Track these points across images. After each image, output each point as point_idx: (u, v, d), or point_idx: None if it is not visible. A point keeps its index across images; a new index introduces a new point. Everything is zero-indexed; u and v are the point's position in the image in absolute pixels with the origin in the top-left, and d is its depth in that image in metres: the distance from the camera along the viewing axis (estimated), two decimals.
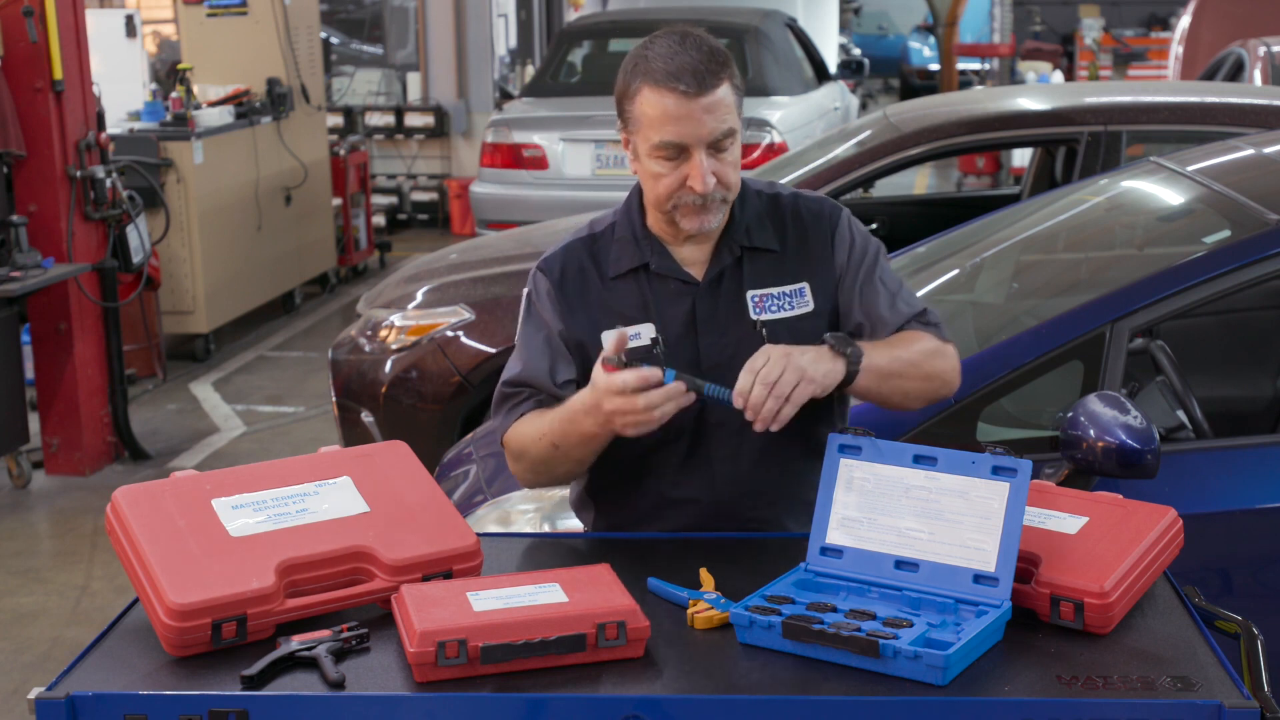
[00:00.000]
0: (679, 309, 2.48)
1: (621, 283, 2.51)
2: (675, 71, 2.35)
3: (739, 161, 2.43)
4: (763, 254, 2.49)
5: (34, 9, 6.01)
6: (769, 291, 2.48)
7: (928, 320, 2.51)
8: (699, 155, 2.36)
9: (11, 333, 6.06)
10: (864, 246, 2.53)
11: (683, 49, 2.37)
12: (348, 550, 2.18)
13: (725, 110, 2.37)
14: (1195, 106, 5.16)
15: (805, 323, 2.47)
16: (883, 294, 2.50)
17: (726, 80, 2.38)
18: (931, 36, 19.59)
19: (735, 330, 2.46)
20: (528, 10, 14.52)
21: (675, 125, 2.35)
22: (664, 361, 2.40)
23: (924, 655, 1.92)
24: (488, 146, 8.85)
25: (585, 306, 2.51)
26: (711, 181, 2.37)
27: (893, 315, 2.49)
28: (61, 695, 1.94)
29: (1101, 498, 2.33)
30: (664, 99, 2.35)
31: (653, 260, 2.49)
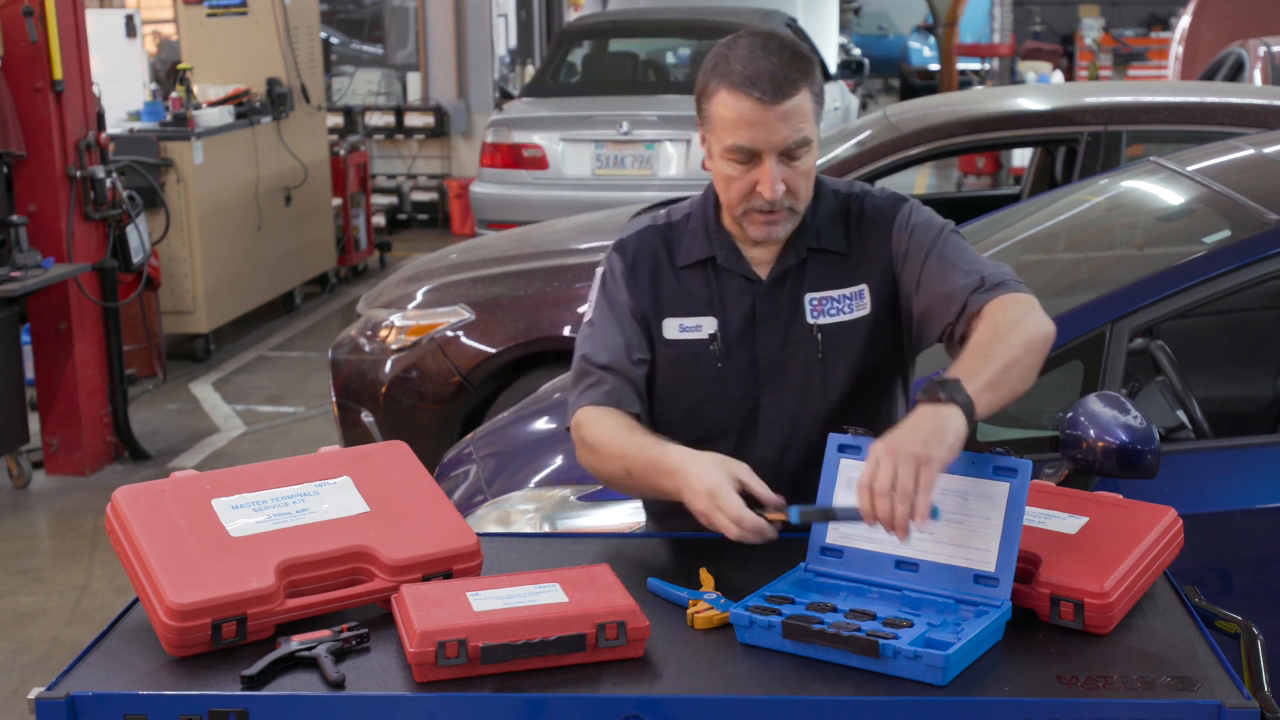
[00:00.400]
0: (741, 306, 2.48)
1: (689, 273, 2.51)
2: (753, 76, 2.32)
3: (812, 170, 2.41)
4: (829, 255, 2.47)
5: (34, 9, 6.01)
6: (828, 294, 2.46)
7: (994, 282, 2.37)
8: (769, 162, 2.35)
9: (11, 333, 6.06)
10: (924, 227, 2.45)
11: (764, 53, 2.34)
12: (348, 550, 2.18)
13: (801, 119, 2.34)
14: (1195, 106, 5.16)
15: (860, 327, 2.45)
16: (941, 269, 2.41)
17: (806, 88, 2.34)
18: (931, 36, 19.59)
19: (792, 332, 2.46)
20: (528, 10, 14.52)
21: (748, 131, 2.34)
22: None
23: (924, 655, 1.92)
24: (488, 146, 8.86)
25: (653, 291, 2.52)
26: (780, 189, 2.36)
27: (957, 283, 2.38)
28: (61, 695, 1.94)
29: (1101, 498, 2.33)
30: (739, 103, 2.33)
31: (720, 254, 2.49)
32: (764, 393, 2.48)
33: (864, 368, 2.46)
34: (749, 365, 2.47)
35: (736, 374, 2.48)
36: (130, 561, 2.17)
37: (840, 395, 2.46)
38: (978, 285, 2.38)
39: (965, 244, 2.47)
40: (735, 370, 2.48)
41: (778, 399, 2.47)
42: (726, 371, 2.48)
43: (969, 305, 2.37)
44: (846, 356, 2.45)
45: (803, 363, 2.45)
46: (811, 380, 2.46)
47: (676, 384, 2.51)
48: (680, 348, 2.49)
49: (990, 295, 2.36)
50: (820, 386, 2.46)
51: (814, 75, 2.38)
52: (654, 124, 8.53)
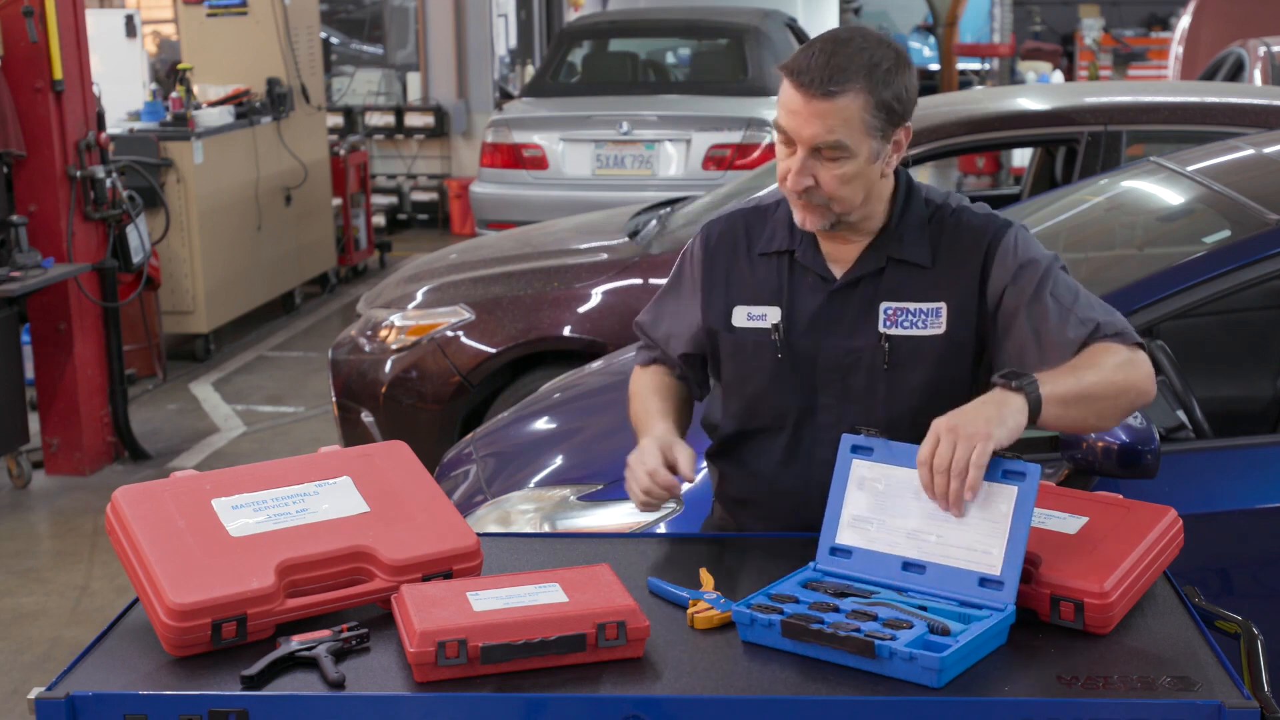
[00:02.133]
0: (810, 303, 2.46)
1: (765, 261, 2.51)
2: (803, 66, 2.31)
3: (856, 178, 2.34)
4: (910, 266, 2.43)
5: (34, 9, 6.01)
6: (905, 306, 2.42)
7: (1108, 332, 2.33)
8: (800, 153, 2.34)
9: (11, 333, 6.06)
10: (1032, 262, 2.38)
11: (832, 46, 2.32)
12: (348, 550, 2.18)
13: (839, 122, 2.29)
14: (1195, 106, 5.16)
15: (933, 344, 2.41)
16: (1053, 311, 2.35)
17: (857, 94, 2.29)
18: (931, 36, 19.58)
19: (860, 338, 2.43)
20: (528, 10, 14.51)
21: (788, 116, 2.34)
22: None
23: (920, 657, 1.92)
24: (488, 146, 8.86)
25: (726, 279, 2.53)
26: (806, 183, 2.34)
27: (1067, 334, 2.33)
28: (61, 695, 1.94)
29: (1101, 498, 2.33)
30: (787, 88, 2.34)
31: (799, 248, 2.48)
32: (823, 393, 2.46)
33: (932, 385, 2.42)
34: (810, 363, 2.46)
35: (797, 369, 2.46)
36: (130, 561, 2.17)
37: (904, 408, 2.42)
38: (1093, 332, 2.34)
39: (1073, 280, 2.40)
40: (796, 365, 2.46)
41: (837, 401, 2.46)
42: (786, 364, 2.47)
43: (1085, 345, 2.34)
44: (915, 371, 2.42)
45: (867, 369, 2.43)
46: (876, 388, 2.43)
47: (739, 372, 2.52)
48: (745, 335, 2.50)
49: (1102, 340, 2.33)
50: (885, 396, 2.43)
51: (878, 86, 2.31)
52: (654, 124, 8.53)
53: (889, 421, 2.40)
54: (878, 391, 2.43)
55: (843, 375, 2.45)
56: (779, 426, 2.49)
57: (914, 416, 2.39)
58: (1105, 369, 2.27)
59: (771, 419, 2.49)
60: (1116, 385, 2.27)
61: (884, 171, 2.39)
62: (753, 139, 8.24)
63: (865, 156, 2.34)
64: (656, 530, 3.17)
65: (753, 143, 8.23)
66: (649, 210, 6.15)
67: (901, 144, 2.39)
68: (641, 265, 5.32)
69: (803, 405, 2.47)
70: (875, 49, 2.34)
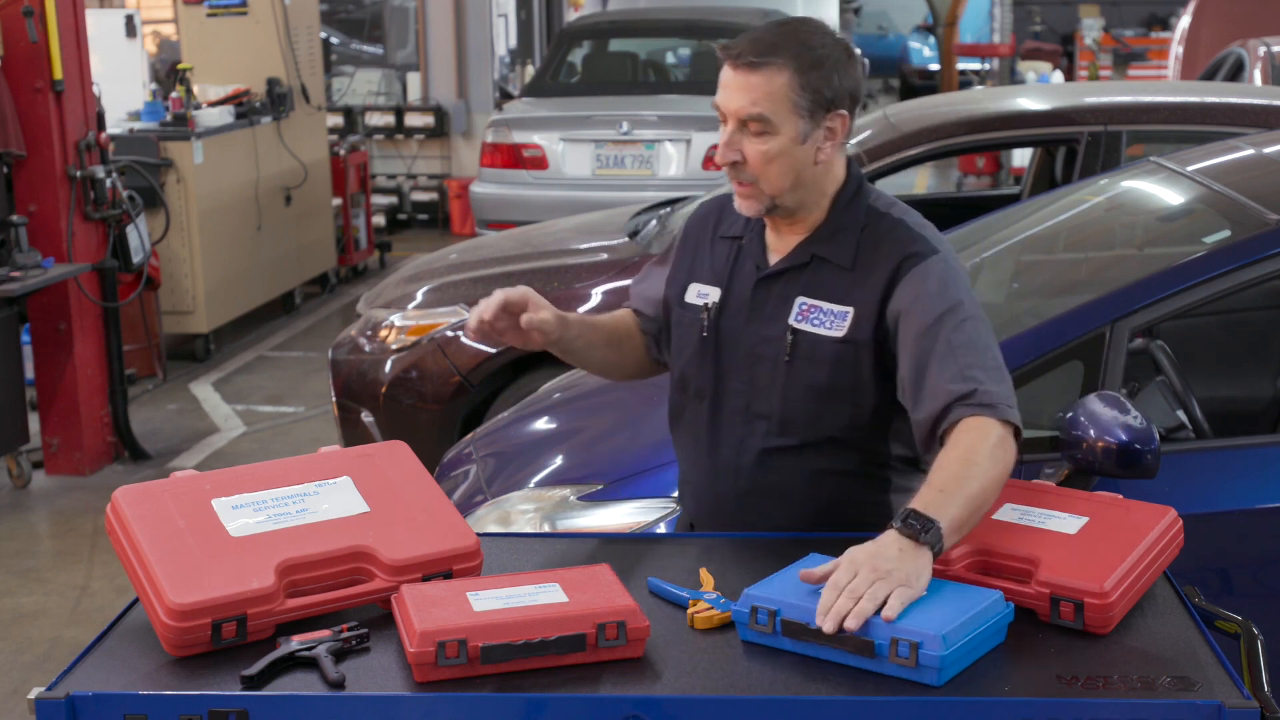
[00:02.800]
0: (743, 289, 2.52)
1: (723, 243, 2.58)
2: (736, 40, 2.37)
3: (778, 157, 2.36)
4: (832, 266, 2.45)
5: (34, 9, 6.01)
6: (818, 304, 2.44)
7: (984, 400, 2.28)
8: (728, 127, 2.39)
9: (11, 333, 6.06)
10: (937, 298, 2.35)
11: (766, 27, 2.38)
12: (348, 550, 2.18)
13: (762, 95, 2.34)
14: (1195, 106, 5.16)
15: (831, 346, 2.42)
16: (940, 356, 2.32)
17: (785, 70, 2.33)
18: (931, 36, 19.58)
19: (773, 327, 2.47)
20: (528, 10, 14.51)
21: (720, 90, 2.39)
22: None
23: (919, 656, 1.92)
24: (488, 146, 8.86)
25: (693, 255, 2.62)
26: (731, 156, 2.38)
27: (944, 385, 2.30)
28: (61, 695, 1.93)
29: (1101, 498, 2.33)
30: (724, 64, 2.39)
31: (746, 235, 2.54)
32: (735, 377, 2.51)
33: (826, 389, 2.43)
34: (732, 346, 2.51)
35: (718, 351, 2.52)
36: (130, 561, 2.17)
37: (798, 405, 2.44)
38: (966, 395, 2.29)
39: (978, 333, 2.36)
40: (718, 347, 2.52)
41: (744, 387, 2.50)
42: (709, 345, 2.53)
43: (949, 413, 2.29)
44: (810, 369, 2.43)
45: (772, 361, 2.47)
46: (776, 381, 2.46)
47: (677, 344, 2.61)
48: (687, 311, 2.58)
49: (973, 412, 2.27)
50: (782, 390, 2.46)
51: (806, 66, 2.35)
52: (654, 124, 8.53)
53: (783, 417, 2.45)
54: (776, 384, 2.46)
55: (752, 363, 2.49)
56: (699, 404, 2.55)
57: (807, 416, 2.44)
58: (983, 466, 2.19)
59: (693, 395, 2.56)
60: (996, 481, 2.21)
61: (817, 159, 2.40)
62: None
63: (791, 135, 2.36)
64: (656, 530, 3.17)
65: None
66: (649, 210, 6.15)
67: (836, 132, 2.40)
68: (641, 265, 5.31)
69: (716, 387, 2.53)
70: (815, 35, 2.39)
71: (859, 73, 2.43)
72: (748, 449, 2.50)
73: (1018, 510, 2.30)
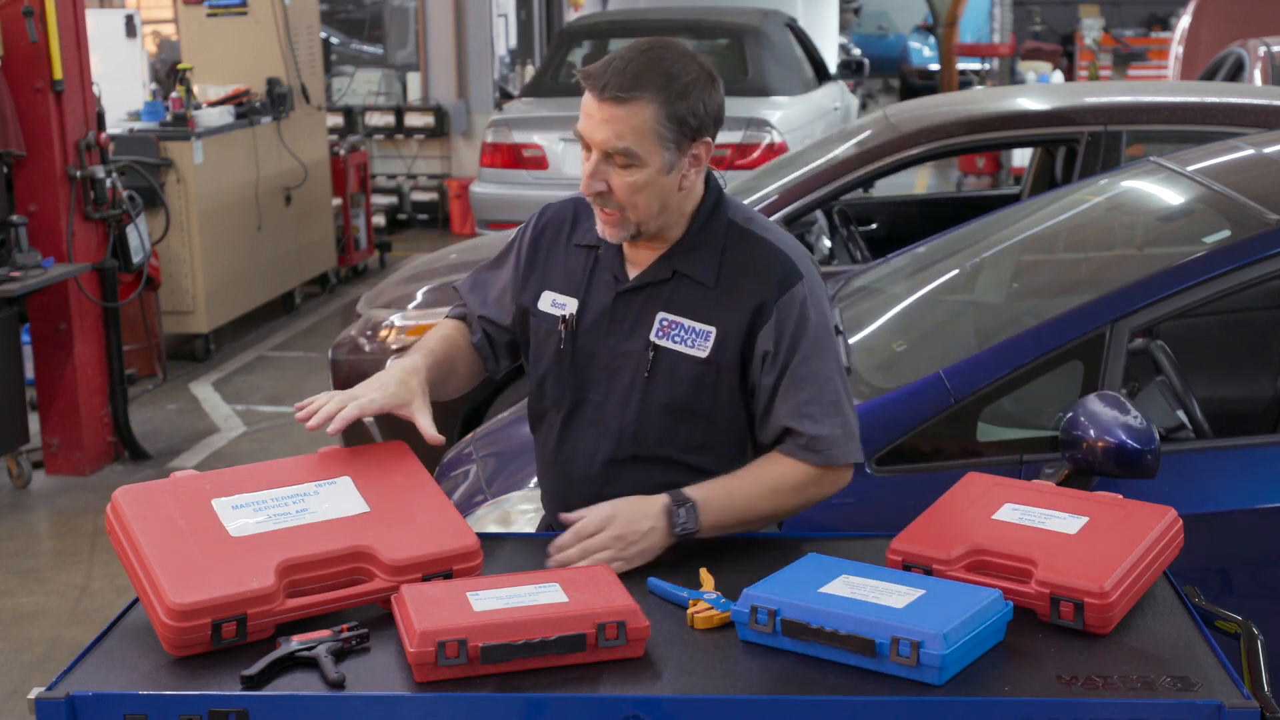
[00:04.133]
0: (601, 301, 2.50)
1: (578, 252, 2.55)
2: (599, 71, 2.34)
3: (645, 187, 2.35)
4: (694, 283, 2.44)
5: (34, 9, 6.01)
6: (679, 320, 2.43)
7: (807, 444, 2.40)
8: (594, 157, 2.36)
9: (11, 333, 6.06)
10: (798, 329, 2.40)
11: (633, 54, 2.34)
12: (348, 550, 2.18)
13: (628, 129, 2.31)
14: (1195, 106, 5.16)
15: (692, 365, 2.42)
16: (787, 387, 2.40)
17: (649, 103, 2.30)
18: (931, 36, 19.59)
19: (633, 342, 2.46)
20: (528, 10, 14.51)
21: (583, 119, 2.37)
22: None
23: (920, 655, 1.92)
24: (488, 146, 8.85)
25: (545, 262, 2.57)
26: (597, 186, 2.36)
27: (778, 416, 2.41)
28: (61, 695, 1.94)
29: (1101, 498, 2.33)
30: (586, 93, 2.37)
31: (603, 246, 2.51)
32: (592, 390, 2.50)
33: (686, 408, 2.43)
34: (589, 359, 2.49)
35: (575, 362, 2.50)
36: (130, 561, 2.17)
37: (653, 422, 2.45)
38: (796, 434, 2.41)
39: (822, 365, 2.41)
40: (575, 358, 2.50)
41: (601, 400, 2.49)
42: (567, 356, 2.51)
43: (781, 443, 2.43)
44: (671, 387, 2.43)
45: (630, 376, 2.46)
46: (632, 395, 2.46)
47: (534, 353, 2.58)
48: (543, 320, 2.54)
49: (796, 454, 2.42)
50: (637, 405, 2.45)
51: (673, 97, 2.31)
52: None
53: (636, 433, 2.45)
54: (633, 399, 2.45)
55: (610, 377, 2.47)
56: (556, 414, 2.54)
57: (660, 433, 2.45)
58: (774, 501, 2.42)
59: (551, 404, 2.55)
60: (778, 510, 2.44)
61: (681, 185, 2.39)
62: (753, 139, 8.24)
63: (657, 167, 2.34)
64: None
65: (753, 143, 8.23)
66: None
67: (701, 158, 2.39)
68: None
69: (574, 398, 2.51)
70: (677, 61, 2.34)
71: (721, 96, 2.40)
72: (598, 460, 2.49)
73: (1018, 510, 2.30)
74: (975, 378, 3.05)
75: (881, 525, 2.56)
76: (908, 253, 4.23)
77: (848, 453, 2.43)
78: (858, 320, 3.75)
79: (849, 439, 2.43)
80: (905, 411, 3.04)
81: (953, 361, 3.13)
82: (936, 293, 3.90)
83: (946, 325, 3.74)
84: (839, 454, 2.42)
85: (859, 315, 3.81)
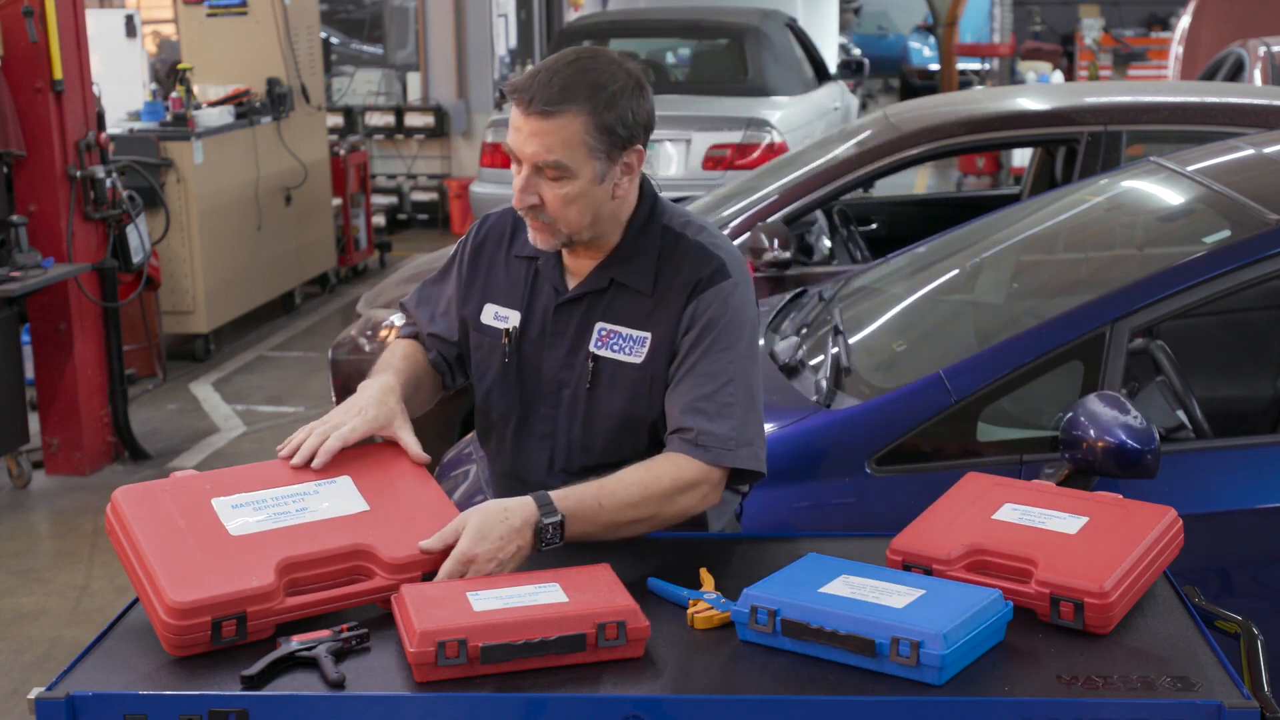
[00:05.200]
0: (543, 313, 2.49)
1: (518, 263, 2.54)
2: (525, 85, 2.31)
3: (578, 198, 2.33)
4: (631, 291, 2.43)
5: (34, 9, 6.01)
6: (617, 329, 2.43)
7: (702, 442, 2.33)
8: (524, 170, 2.34)
9: (11, 333, 6.06)
10: (710, 324, 2.37)
11: (559, 65, 2.32)
12: (347, 549, 2.18)
13: (557, 141, 2.29)
14: (1195, 106, 5.16)
15: (630, 373, 2.42)
16: (689, 382, 2.36)
17: (577, 115, 2.28)
18: (931, 36, 19.59)
19: (575, 354, 2.46)
20: (528, 10, 14.51)
21: (512, 134, 2.34)
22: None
23: (920, 655, 1.92)
24: (488, 146, 8.85)
25: (485, 274, 2.56)
26: (530, 200, 2.34)
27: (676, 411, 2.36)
28: (61, 695, 1.94)
29: (1101, 498, 2.33)
30: (513, 106, 2.33)
31: (542, 258, 2.50)
32: (540, 403, 2.49)
33: (627, 416, 2.43)
34: (535, 372, 2.48)
35: (520, 375, 2.50)
36: (130, 561, 2.17)
37: (600, 433, 2.44)
38: (684, 429, 2.35)
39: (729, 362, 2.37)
40: (520, 371, 2.50)
41: (550, 413, 2.48)
42: (511, 369, 2.50)
43: (670, 439, 2.37)
44: (611, 396, 2.43)
45: (574, 387, 2.46)
46: (577, 407, 2.45)
47: (478, 367, 2.57)
48: (485, 333, 2.54)
49: (684, 449, 2.34)
50: (582, 417, 2.45)
51: (601, 108, 2.29)
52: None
53: (584, 444, 2.45)
54: (578, 411, 2.45)
55: (555, 389, 2.47)
56: (505, 427, 2.53)
57: (606, 442, 2.43)
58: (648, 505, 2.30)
59: (498, 416, 2.53)
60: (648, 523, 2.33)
61: (614, 194, 2.38)
62: (753, 139, 8.24)
63: (589, 178, 2.33)
64: None
65: (753, 143, 8.23)
66: None
67: (633, 166, 2.38)
68: None
69: (521, 413, 2.50)
70: (605, 71, 2.32)
71: (651, 102, 2.38)
72: (554, 472, 2.48)
73: (1018, 510, 2.30)
74: (975, 378, 3.05)
75: (881, 525, 2.56)
76: (908, 253, 4.22)
77: (737, 456, 2.35)
78: (858, 320, 3.75)
79: (741, 444, 2.36)
80: (905, 411, 3.04)
81: (953, 361, 3.13)
82: (936, 293, 3.89)
83: (946, 325, 3.74)
84: (725, 455, 2.35)
85: (859, 315, 3.80)
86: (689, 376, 2.37)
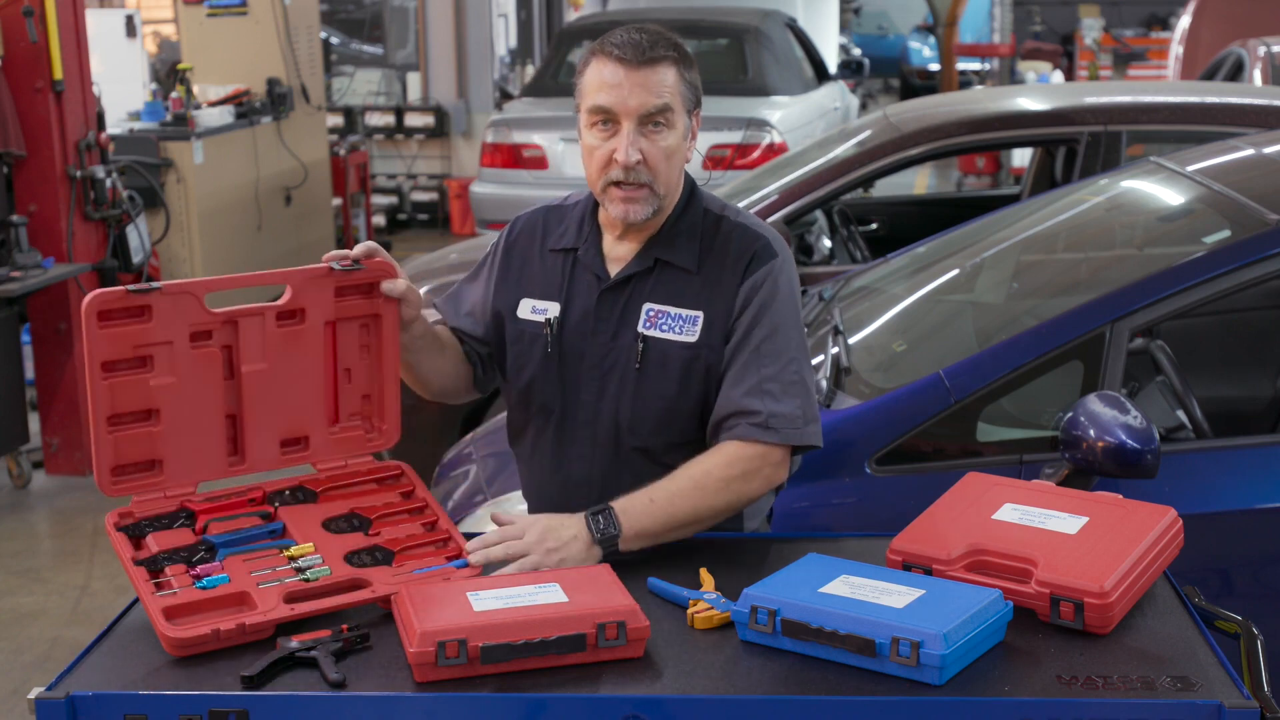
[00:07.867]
0: (585, 301, 2.50)
1: (554, 257, 2.55)
2: (620, 43, 2.38)
3: (674, 153, 2.40)
4: (677, 270, 2.45)
5: (34, 9, 6.01)
6: (666, 309, 2.44)
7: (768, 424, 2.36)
8: (627, 127, 2.37)
9: (11, 333, 6.05)
10: (766, 303, 2.41)
11: (636, 31, 2.40)
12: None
13: (663, 88, 2.37)
14: (1195, 106, 5.16)
15: (683, 352, 2.43)
16: (744, 363, 2.39)
17: (672, 65, 2.39)
18: (931, 36, 19.58)
19: (621, 337, 2.46)
20: (528, 10, 14.51)
21: (609, 91, 2.37)
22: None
23: (920, 655, 1.92)
24: (488, 146, 8.85)
25: (519, 272, 2.57)
26: (635, 156, 2.36)
27: (734, 395, 2.38)
28: (61, 695, 1.94)
29: (1101, 498, 2.33)
30: (604, 66, 2.38)
31: (581, 247, 2.52)
32: (584, 390, 2.49)
33: (677, 398, 2.43)
34: (578, 359, 2.49)
35: (564, 365, 2.50)
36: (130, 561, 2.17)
37: (649, 416, 2.45)
38: (751, 413, 2.36)
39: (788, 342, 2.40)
40: (563, 361, 2.50)
41: (593, 399, 2.48)
42: (555, 359, 2.50)
43: (732, 423, 2.38)
44: (661, 377, 2.43)
45: (622, 370, 2.46)
46: (625, 390, 2.45)
47: (515, 362, 2.56)
48: (524, 327, 2.54)
49: (749, 433, 2.36)
50: (632, 399, 2.45)
51: (684, 58, 2.41)
52: None
53: (631, 428, 2.45)
54: (626, 394, 2.45)
55: (602, 374, 2.47)
56: (545, 420, 2.53)
57: (656, 424, 2.44)
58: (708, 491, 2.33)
59: (539, 410, 2.53)
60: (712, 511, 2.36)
61: (687, 156, 2.45)
62: (753, 139, 8.24)
63: (681, 130, 2.41)
64: None
65: (753, 143, 8.22)
66: None
67: (694, 132, 2.45)
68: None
69: (565, 401, 2.50)
70: (668, 33, 2.44)
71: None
72: (598, 461, 2.48)
73: (1018, 510, 2.30)
74: (975, 378, 3.05)
75: (881, 525, 2.56)
76: (908, 253, 4.23)
77: (806, 434, 2.39)
78: (858, 320, 3.75)
79: (809, 420, 2.40)
80: (905, 411, 3.04)
81: (953, 361, 3.13)
82: (936, 293, 3.89)
83: (946, 325, 3.74)
84: (797, 434, 2.38)
85: (859, 315, 3.80)
86: (753, 357, 2.39)
